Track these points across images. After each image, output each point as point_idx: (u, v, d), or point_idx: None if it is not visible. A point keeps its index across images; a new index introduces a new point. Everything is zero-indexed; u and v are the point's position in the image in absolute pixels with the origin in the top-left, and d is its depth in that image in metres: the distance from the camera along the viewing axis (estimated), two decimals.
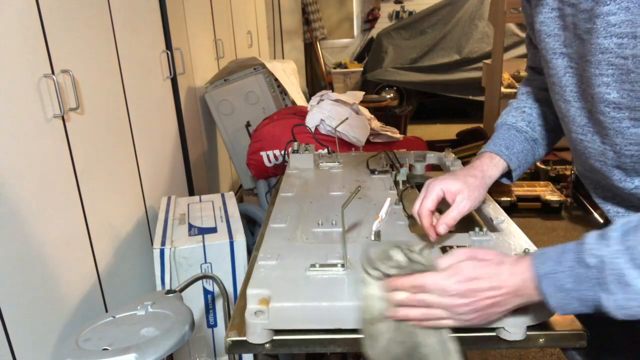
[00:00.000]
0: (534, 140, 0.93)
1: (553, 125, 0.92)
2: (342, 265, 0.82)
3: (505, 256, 0.68)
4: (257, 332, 0.75)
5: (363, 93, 2.75)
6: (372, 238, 0.93)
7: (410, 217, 1.08)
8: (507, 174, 0.93)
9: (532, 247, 0.88)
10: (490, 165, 0.90)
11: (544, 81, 0.85)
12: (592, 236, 0.58)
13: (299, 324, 0.75)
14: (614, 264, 0.54)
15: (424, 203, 0.85)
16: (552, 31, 0.72)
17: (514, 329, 0.73)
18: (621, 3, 0.58)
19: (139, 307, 1.04)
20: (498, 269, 0.65)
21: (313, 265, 0.83)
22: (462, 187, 0.84)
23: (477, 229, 0.94)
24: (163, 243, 1.52)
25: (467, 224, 1.01)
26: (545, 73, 0.78)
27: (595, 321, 0.90)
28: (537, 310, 0.72)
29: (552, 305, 0.61)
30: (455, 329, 0.71)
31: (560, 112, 0.77)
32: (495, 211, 1.06)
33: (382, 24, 6.36)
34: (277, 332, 0.76)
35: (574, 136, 0.75)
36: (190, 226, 1.65)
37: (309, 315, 0.75)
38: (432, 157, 1.52)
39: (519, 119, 0.94)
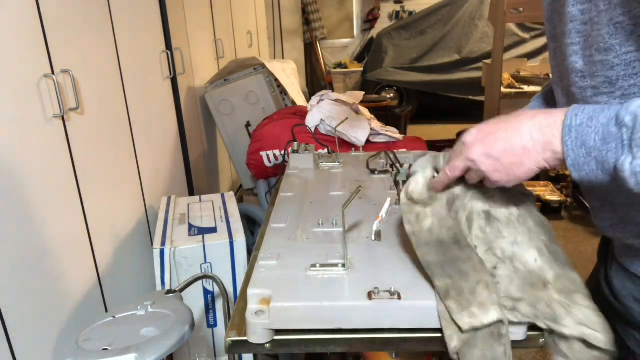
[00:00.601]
0: None
1: None
2: (343, 265, 0.82)
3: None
4: (258, 332, 0.75)
5: (363, 93, 2.75)
6: (373, 238, 0.93)
7: None
8: None
9: None
10: None
11: None
12: (637, 100, 0.54)
13: (300, 324, 0.75)
14: None
15: None
16: (548, 16, 0.75)
17: (515, 329, 0.73)
18: None
19: (139, 307, 1.04)
20: (520, 121, 0.64)
21: (314, 265, 0.83)
22: None
23: None
24: (163, 243, 1.52)
25: None
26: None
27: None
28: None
29: (569, 162, 0.58)
30: None
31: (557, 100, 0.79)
32: None
33: (382, 24, 6.36)
34: (278, 332, 0.76)
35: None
36: (190, 226, 1.65)
37: (310, 315, 0.75)
38: None
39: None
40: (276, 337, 0.76)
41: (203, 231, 1.60)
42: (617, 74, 0.62)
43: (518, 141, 0.63)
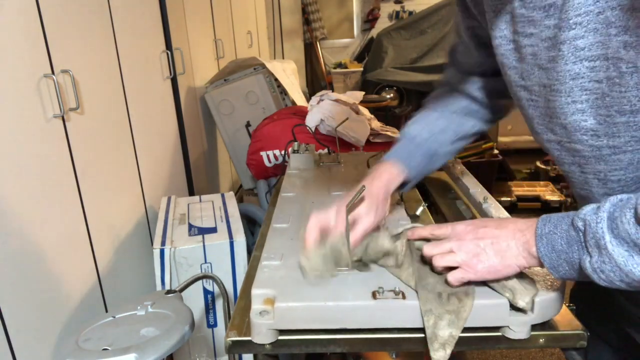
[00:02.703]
0: (434, 154, 0.95)
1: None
2: (347, 265, 0.82)
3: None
4: (263, 333, 0.75)
5: (363, 93, 2.75)
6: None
7: (412, 216, 1.09)
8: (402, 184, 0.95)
9: None
10: (391, 180, 0.91)
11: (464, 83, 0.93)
12: (589, 206, 0.60)
13: (305, 324, 0.75)
14: (595, 229, 0.57)
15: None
16: (511, 63, 0.70)
17: (519, 327, 0.73)
18: (588, 25, 0.56)
19: (139, 307, 1.04)
20: (505, 222, 0.70)
21: None
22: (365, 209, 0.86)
23: None
24: (163, 243, 1.52)
25: None
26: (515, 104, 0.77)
27: (596, 322, 0.90)
28: (542, 309, 0.73)
29: (546, 264, 0.63)
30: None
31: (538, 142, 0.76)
32: (497, 210, 1.07)
33: (382, 24, 6.36)
34: (281, 332, 0.76)
35: (556, 161, 0.74)
36: (190, 226, 1.65)
37: (314, 315, 0.75)
38: None
39: (422, 130, 0.96)
40: (277, 337, 0.76)
41: (203, 231, 1.60)
42: None
43: (504, 237, 0.68)
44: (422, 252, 0.77)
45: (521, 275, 0.72)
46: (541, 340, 0.75)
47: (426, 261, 0.78)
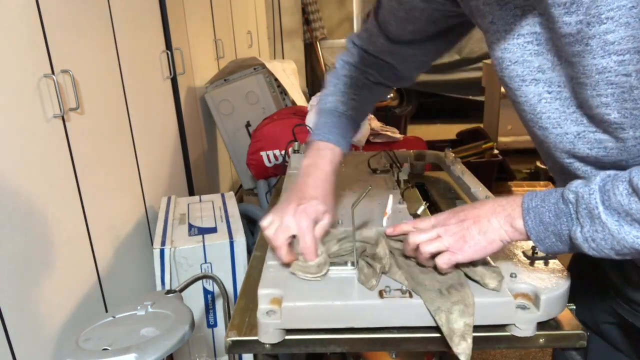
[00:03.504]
0: (352, 119, 1.01)
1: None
2: (352, 264, 0.83)
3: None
4: (270, 332, 0.75)
5: None
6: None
7: (414, 216, 1.08)
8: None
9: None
10: (331, 164, 0.96)
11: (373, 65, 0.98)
12: (577, 181, 0.63)
13: (312, 324, 0.75)
14: (588, 200, 0.60)
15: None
16: (520, 58, 0.69)
17: (525, 325, 0.73)
18: (620, 19, 0.56)
19: (139, 307, 1.04)
20: (484, 202, 0.74)
21: None
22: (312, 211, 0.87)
23: None
24: (163, 243, 1.52)
25: None
26: (510, 99, 0.75)
27: (596, 321, 0.90)
28: (548, 306, 0.73)
29: (533, 237, 0.66)
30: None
31: (536, 138, 0.75)
32: None
33: None
34: (287, 332, 0.76)
35: (558, 159, 0.73)
36: (190, 226, 1.65)
37: (321, 315, 0.75)
38: (431, 157, 1.52)
39: (336, 102, 1.01)
40: (284, 337, 0.76)
41: (203, 231, 1.60)
42: None
43: (484, 215, 0.71)
44: (406, 242, 0.79)
45: (487, 263, 0.77)
46: (541, 340, 0.75)
47: (410, 260, 0.80)
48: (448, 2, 0.80)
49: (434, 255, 0.75)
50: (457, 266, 0.76)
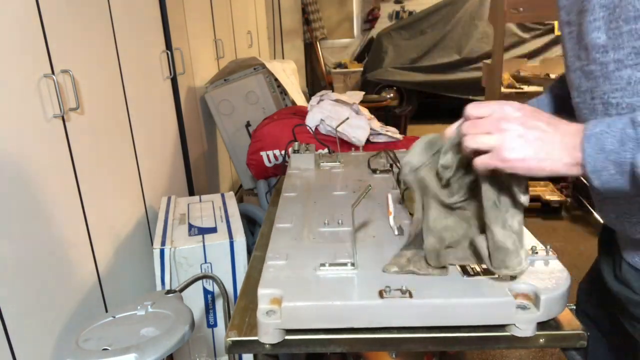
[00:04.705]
0: None
1: None
2: (352, 264, 0.83)
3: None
4: (270, 332, 0.75)
5: (363, 93, 2.75)
6: (396, 233, 0.96)
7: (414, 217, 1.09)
8: None
9: (538, 245, 0.88)
10: None
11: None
12: None
13: (312, 324, 0.75)
14: None
15: None
16: (562, 4, 0.77)
17: (525, 325, 0.73)
18: None
19: (139, 307, 1.04)
20: (557, 122, 0.66)
21: (323, 265, 0.83)
22: None
23: None
24: (163, 243, 1.52)
25: None
26: (564, 50, 0.81)
27: (595, 321, 0.91)
28: (548, 307, 0.73)
29: (588, 169, 0.60)
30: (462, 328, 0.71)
31: (569, 87, 0.79)
32: None
33: (382, 24, 6.36)
34: (287, 332, 0.76)
35: (573, 102, 0.77)
36: (190, 226, 1.65)
37: (321, 315, 0.75)
38: None
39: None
40: (284, 337, 0.76)
41: (203, 231, 1.60)
42: None
43: (550, 139, 0.63)
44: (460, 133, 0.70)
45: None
46: (542, 340, 0.75)
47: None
48: None
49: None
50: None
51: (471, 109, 0.68)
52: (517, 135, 0.63)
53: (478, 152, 0.66)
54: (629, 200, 0.72)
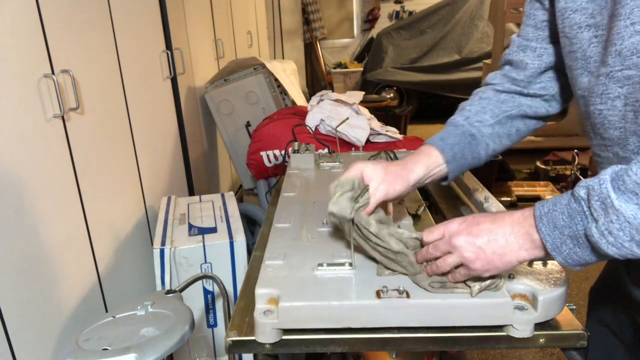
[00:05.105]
0: (471, 136, 0.93)
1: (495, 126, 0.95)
2: (350, 264, 0.82)
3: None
4: (267, 332, 0.75)
5: (363, 93, 2.75)
6: None
7: (413, 216, 1.09)
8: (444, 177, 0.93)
9: None
10: (422, 160, 0.91)
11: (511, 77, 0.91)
12: (587, 179, 0.61)
13: (309, 323, 0.75)
14: (599, 190, 0.58)
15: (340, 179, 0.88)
16: (579, 6, 0.74)
17: (523, 326, 0.73)
18: None
19: (139, 307, 1.04)
20: (500, 217, 0.70)
21: (320, 265, 0.83)
22: (379, 173, 0.86)
23: None
24: (163, 243, 1.52)
25: None
26: (565, 50, 0.78)
27: (612, 317, 0.90)
28: (545, 308, 0.73)
29: (549, 247, 0.63)
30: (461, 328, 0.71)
31: (579, 89, 0.77)
32: (497, 209, 1.07)
33: (382, 24, 6.37)
34: (284, 332, 0.76)
35: (592, 109, 0.74)
36: (190, 226, 1.65)
37: (318, 315, 0.75)
38: None
39: (457, 116, 0.96)
40: (281, 337, 0.76)
41: (203, 231, 1.60)
42: None
43: (501, 233, 0.68)
44: (420, 254, 0.77)
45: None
46: (542, 340, 0.75)
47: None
48: None
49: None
50: None
51: (426, 236, 0.76)
52: (468, 245, 0.69)
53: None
54: None
